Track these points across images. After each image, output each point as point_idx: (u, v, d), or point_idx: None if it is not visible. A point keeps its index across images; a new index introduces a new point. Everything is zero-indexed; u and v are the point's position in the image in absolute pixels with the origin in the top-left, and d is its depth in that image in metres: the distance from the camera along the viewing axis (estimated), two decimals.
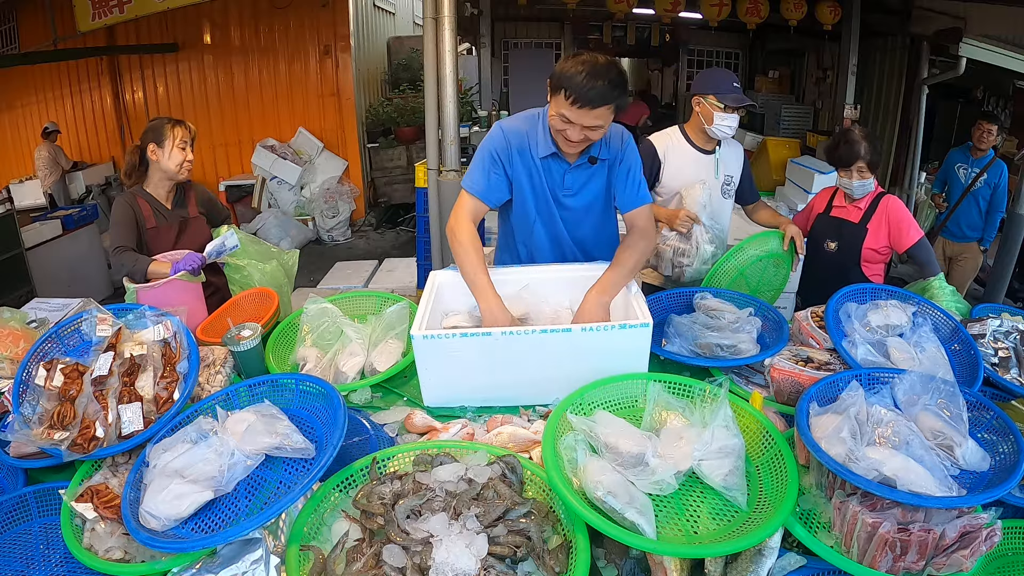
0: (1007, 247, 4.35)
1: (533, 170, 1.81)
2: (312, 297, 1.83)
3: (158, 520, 1.08)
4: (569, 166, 1.81)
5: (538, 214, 1.88)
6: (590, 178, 1.84)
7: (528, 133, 1.78)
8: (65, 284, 4.89)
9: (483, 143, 1.82)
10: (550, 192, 1.84)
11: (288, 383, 1.38)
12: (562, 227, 1.90)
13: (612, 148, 1.82)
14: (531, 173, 1.81)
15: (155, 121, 2.17)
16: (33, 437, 1.25)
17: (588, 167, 1.82)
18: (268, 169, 6.85)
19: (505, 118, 1.86)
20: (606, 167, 1.84)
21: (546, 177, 1.81)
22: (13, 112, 7.40)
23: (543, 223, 1.90)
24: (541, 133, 1.76)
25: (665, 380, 1.40)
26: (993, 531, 1.01)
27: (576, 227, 1.92)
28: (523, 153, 1.79)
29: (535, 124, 1.78)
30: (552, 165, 1.81)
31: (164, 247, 2.14)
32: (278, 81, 7.09)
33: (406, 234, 7.11)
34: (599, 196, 1.88)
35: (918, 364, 1.45)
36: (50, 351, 1.47)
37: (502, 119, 1.86)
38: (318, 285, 4.37)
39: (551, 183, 1.83)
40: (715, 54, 10.49)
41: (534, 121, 1.79)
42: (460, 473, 1.16)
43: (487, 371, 1.49)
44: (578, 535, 1.06)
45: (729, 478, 1.13)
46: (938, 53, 5.56)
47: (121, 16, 5.73)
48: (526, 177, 1.82)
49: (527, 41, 9.93)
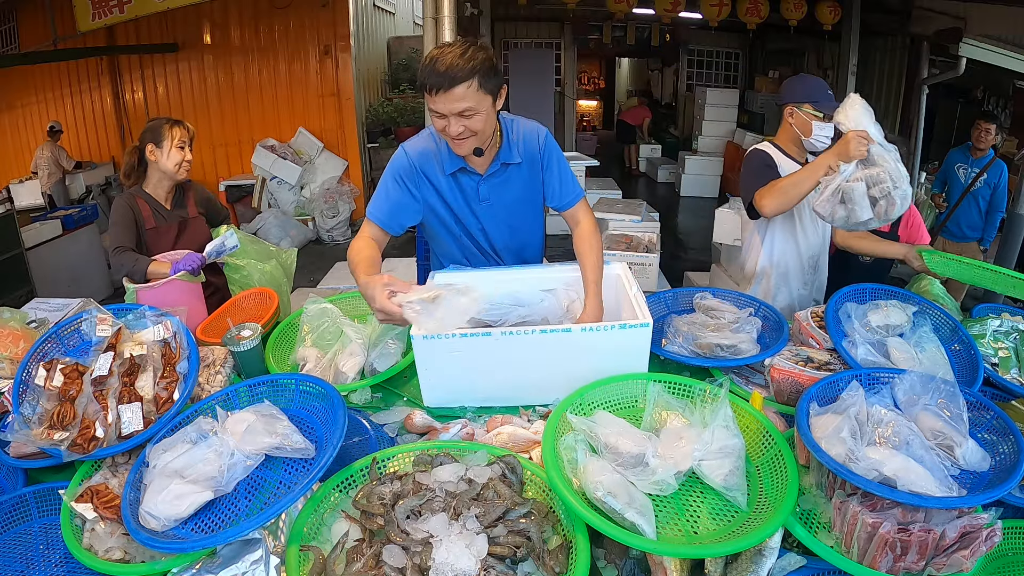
0: (1007, 247, 4.36)
1: (443, 188, 1.75)
2: (312, 297, 1.83)
3: (158, 520, 1.08)
4: (481, 176, 1.74)
5: (455, 231, 1.82)
6: (505, 184, 1.77)
7: (432, 152, 1.72)
8: (65, 284, 4.89)
9: (387, 167, 1.75)
10: (467, 206, 1.77)
11: (288, 383, 1.38)
12: (483, 240, 1.85)
13: (528, 149, 1.75)
14: (440, 191, 1.75)
15: (153, 121, 2.17)
16: (33, 437, 1.25)
17: (502, 172, 1.75)
18: (268, 169, 6.85)
19: (408, 139, 1.77)
20: (523, 170, 1.77)
21: (459, 193, 1.76)
22: (13, 112, 7.40)
23: (463, 238, 1.84)
24: (445, 150, 1.69)
25: (665, 380, 1.40)
26: (993, 531, 1.01)
27: (499, 236, 1.85)
28: (430, 173, 1.72)
29: (438, 142, 1.71)
30: (463, 179, 1.74)
31: (164, 247, 2.14)
32: (278, 81, 7.08)
33: (406, 234, 7.11)
34: (518, 200, 1.81)
35: (918, 364, 1.46)
36: (50, 351, 1.47)
37: (405, 141, 1.76)
38: (318, 285, 4.37)
39: (465, 197, 1.76)
40: (715, 54, 10.51)
41: (437, 139, 1.71)
42: (460, 473, 1.16)
43: (487, 371, 1.49)
44: (578, 535, 1.06)
45: (729, 478, 1.13)
46: (938, 53, 5.57)
47: (121, 16, 5.73)
48: (435, 196, 1.76)
49: (527, 41, 9.94)
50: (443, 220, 1.81)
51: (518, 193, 1.80)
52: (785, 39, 7.94)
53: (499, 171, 1.74)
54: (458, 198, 1.77)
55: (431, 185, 1.74)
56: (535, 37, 9.91)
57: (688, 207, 8.58)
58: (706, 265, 5.00)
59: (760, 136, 8.02)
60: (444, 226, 1.83)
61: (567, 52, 10.02)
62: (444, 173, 1.72)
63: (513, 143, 1.73)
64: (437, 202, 1.77)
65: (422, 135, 1.76)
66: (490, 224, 1.83)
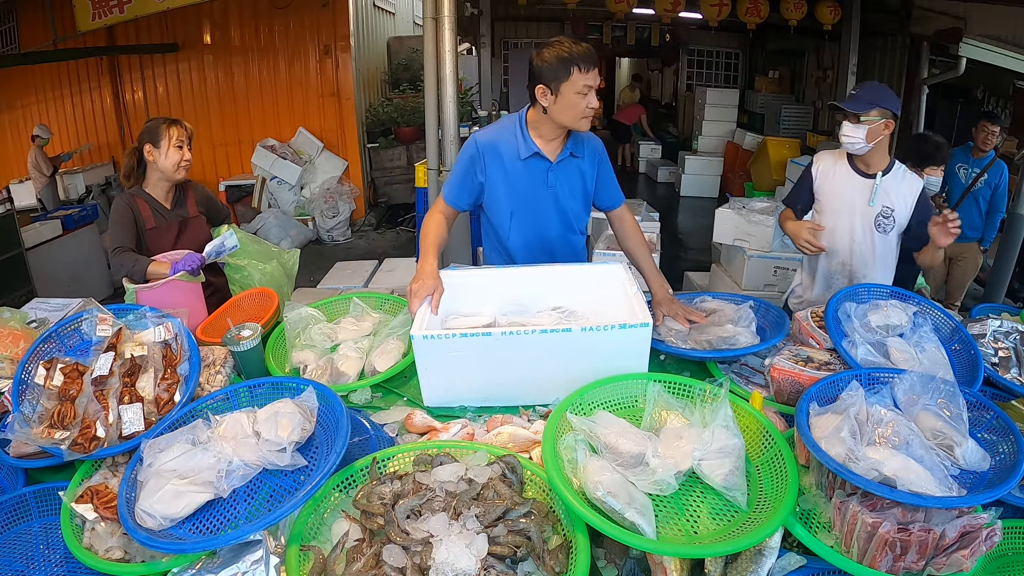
0: (1007, 247, 4.36)
1: (511, 172, 1.90)
2: (290, 304, 1.85)
3: (155, 519, 1.08)
4: (551, 163, 1.90)
5: (515, 214, 1.97)
6: (570, 174, 1.95)
7: (505, 139, 1.89)
8: (65, 284, 4.88)
9: (461, 151, 1.96)
10: (532, 191, 1.92)
11: (290, 387, 1.38)
12: (535, 227, 1.99)
13: (588, 148, 1.95)
14: (507, 175, 1.91)
15: (151, 122, 2.16)
16: (33, 436, 1.25)
17: (570, 161, 1.92)
18: (268, 169, 6.85)
19: (479, 131, 1.98)
20: (584, 165, 1.95)
21: (527, 176, 1.91)
22: (13, 112, 7.39)
23: (520, 223, 1.98)
24: (520, 136, 1.87)
25: (665, 380, 1.40)
26: (993, 531, 1.01)
27: (552, 225, 2.00)
28: (500, 157, 1.89)
29: (512, 130, 1.89)
30: (534, 164, 1.90)
31: (164, 247, 2.13)
32: (278, 81, 7.08)
33: (406, 234, 7.11)
34: (577, 192, 1.98)
35: (918, 364, 1.45)
36: (50, 350, 1.47)
37: (476, 132, 1.98)
38: (318, 285, 4.36)
39: (533, 182, 1.92)
40: (715, 54, 10.50)
41: (511, 127, 1.90)
42: (460, 473, 1.16)
43: (487, 371, 1.49)
44: (578, 535, 1.06)
45: (729, 478, 1.13)
46: (938, 53, 5.57)
47: (121, 16, 5.72)
48: (502, 180, 1.91)
49: (527, 41, 9.94)
50: (501, 203, 1.96)
51: (577, 186, 1.97)
52: (785, 39, 7.94)
53: (566, 160, 1.92)
54: (525, 183, 1.92)
55: (499, 169, 1.90)
56: (535, 37, 9.91)
57: (688, 207, 8.57)
58: (706, 265, 5.00)
59: (760, 136, 8.03)
60: (500, 209, 1.97)
61: None
62: (520, 158, 1.88)
63: (576, 138, 1.92)
64: (501, 185, 1.92)
65: (495, 126, 1.97)
66: (547, 210, 1.97)
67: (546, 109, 1.78)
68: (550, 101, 1.76)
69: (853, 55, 6.42)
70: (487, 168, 1.90)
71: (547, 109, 1.78)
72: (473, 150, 1.91)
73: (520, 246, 2.01)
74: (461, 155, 1.94)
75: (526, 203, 1.95)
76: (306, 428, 1.24)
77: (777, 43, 9.15)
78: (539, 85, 1.76)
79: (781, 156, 7.02)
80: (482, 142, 1.90)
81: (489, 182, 1.92)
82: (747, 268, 4.12)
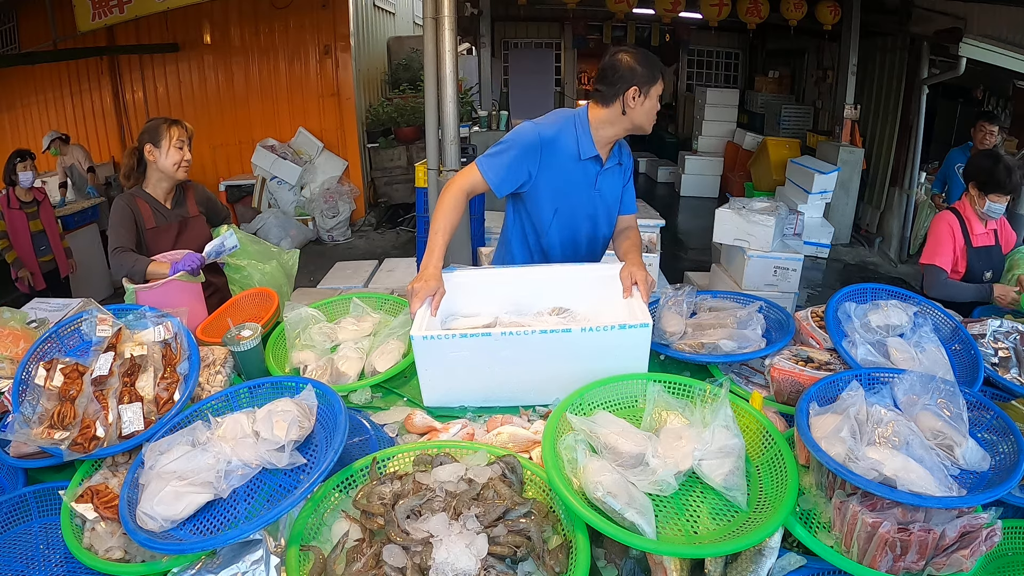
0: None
1: (565, 171, 1.86)
2: (289, 304, 1.84)
3: (155, 521, 1.08)
4: (601, 168, 1.90)
5: (559, 212, 1.93)
6: (614, 180, 1.97)
7: (566, 137, 1.84)
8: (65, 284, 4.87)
9: (516, 136, 1.83)
10: (581, 192, 1.91)
11: (289, 386, 1.38)
12: (575, 227, 1.97)
13: (626, 155, 1.99)
14: (561, 174, 1.85)
15: (151, 122, 2.16)
16: (33, 436, 1.25)
17: (616, 169, 1.95)
18: (268, 169, 6.85)
19: (537, 119, 1.88)
20: (618, 172, 1.98)
21: (581, 178, 1.89)
22: (13, 112, 7.38)
23: (561, 221, 1.95)
24: (582, 136, 1.84)
25: (665, 380, 1.40)
26: (993, 531, 1.01)
27: (587, 227, 1.99)
28: (556, 155, 1.83)
29: (571, 128, 1.85)
30: (590, 167, 1.89)
31: (164, 247, 2.13)
32: (278, 81, 7.08)
33: (406, 234, 7.11)
34: (617, 198, 2.01)
35: (918, 364, 1.45)
36: (50, 351, 1.47)
37: (535, 119, 1.89)
38: (318, 285, 4.36)
39: (584, 184, 1.90)
40: (715, 54, 10.50)
41: (570, 125, 1.85)
42: (460, 473, 1.16)
43: (487, 371, 1.49)
44: (578, 535, 1.06)
45: (729, 478, 1.13)
46: (938, 53, 5.56)
47: (121, 16, 5.72)
48: (556, 177, 1.86)
49: (527, 41, 9.93)
50: (545, 200, 1.90)
51: (618, 192, 2.00)
52: (785, 39, 7.93)
53: (613, 167, 1.95)
54: (578, 184, 1.90)
55: (555, 165, 1.85)
56: (535, 37, 9.91)
57: (688, 207, 8.58)
58: (706, 265, 5.00)
59: (760, 136, 8.03)
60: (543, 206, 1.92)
61: (567, 52, 10.02)
62: (579, 159, 1.86)
63: (620, 144, 1.95)
64: (550, 183, 1.87)
65: (555, 122, 1.86)
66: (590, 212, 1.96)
67: (625, 111, 1.78)
68: (638, 103, 1.76)
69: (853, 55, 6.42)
70: (542, 162, 1.83)
71: (629, 111, 1.78)
72: (535, 140, 1.81)
73: (556, 244, 1.98)
74: (516, 140, 1.83)
75: (573, 203, 1.92)
76: (304, 426, 1.24)
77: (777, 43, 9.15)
78: (632, 87, 1.74)
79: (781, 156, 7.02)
80: (545, 136, 1.82)
81: (541, 176, 1.86)
82: (747, 268, 4.13)
